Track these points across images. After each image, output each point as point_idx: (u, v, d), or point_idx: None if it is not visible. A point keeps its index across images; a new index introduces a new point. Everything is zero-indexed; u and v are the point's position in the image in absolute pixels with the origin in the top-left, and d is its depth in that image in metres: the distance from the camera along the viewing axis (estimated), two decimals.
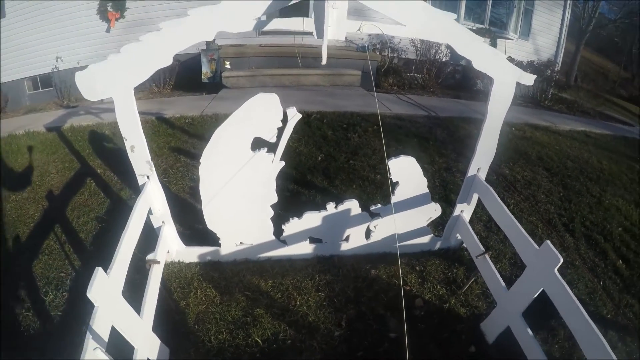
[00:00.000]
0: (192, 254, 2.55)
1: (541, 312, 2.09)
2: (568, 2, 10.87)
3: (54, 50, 7.57)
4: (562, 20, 11.09)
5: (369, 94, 6.88)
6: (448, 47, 1.87)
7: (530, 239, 1.94)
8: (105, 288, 1.38)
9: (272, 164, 2.15)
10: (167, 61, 1.76)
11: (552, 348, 2.23)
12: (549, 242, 1.78)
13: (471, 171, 2.45)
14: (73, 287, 2.46)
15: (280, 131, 2.09)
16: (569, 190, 4.37)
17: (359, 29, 1.85)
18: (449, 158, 4.44)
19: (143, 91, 7.37)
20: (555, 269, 1.73)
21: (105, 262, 2.54)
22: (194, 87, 7.20)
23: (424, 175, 2.53)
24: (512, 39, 10.10)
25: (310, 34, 1.88)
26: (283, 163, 2.21)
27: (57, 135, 4.79)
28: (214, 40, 7.07)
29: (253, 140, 2.11)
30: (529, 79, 2.18)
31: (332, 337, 2.15)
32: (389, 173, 2.32)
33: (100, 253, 2.73)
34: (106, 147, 4.42)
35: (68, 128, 5.01)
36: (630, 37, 28.98)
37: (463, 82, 9.63)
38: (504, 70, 2.13)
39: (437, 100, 7.32)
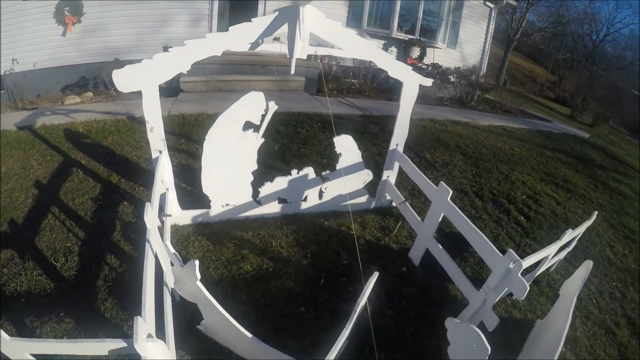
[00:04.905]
0: (186, 217, 3.25)
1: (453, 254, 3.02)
2: (492, 15, 12.29)
3: (8, 53, 7.50)
4: (487, 31, 12.49)
5: (312, 97, 7.80)
6: None
7: (431, 183, 2.95)
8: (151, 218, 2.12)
9: (256, 140, 3.01)
10: (187, 67, 2.52)
11: (465, 271, 2.91)
12: (443, 183, 2.79)
13: (392, 146, 3.49)
14: (83, 252, 2.85)
15: (263, 117, 2.96)
16: (480, 169, 5.47)
17: (315, 52, 2.74)
18: (381, 147, 5.43)
19: (101, 94, 7.67)
20: (448, 198, 2.73)
21: (110, 233, 3.09)
22: None
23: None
24: (440, 48, 11.31)
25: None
26: (263, 139, 3.06)
27: (31, 134, 4.93)
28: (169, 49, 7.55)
29: (244, 123, 2.94)
30: (428, 82, 3.21)
31: (301, 265, 3.00)
32: (335, 147, 3.25)
33: (103, 226, 3.17)
34: (85, 142, 4.73)
35: (40, 127, 5.17)
36: (557, 44, 32.21)
37: (396, 86, 10.81)
38: (409, 77, 3.14)
39: (372, 102, 8.36)
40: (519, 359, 2.42)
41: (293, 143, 5.19)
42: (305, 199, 3.49)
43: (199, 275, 1.73)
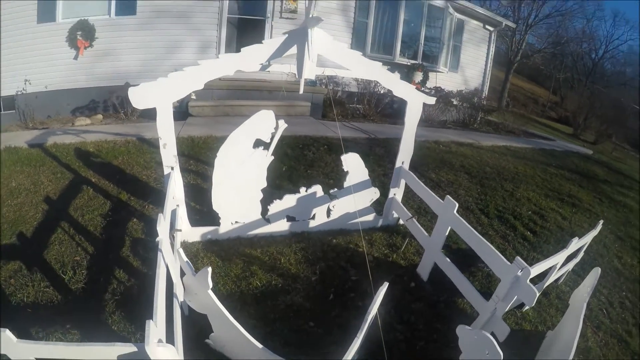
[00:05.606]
0: (195, 233, 3.28)
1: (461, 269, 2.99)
2: (492, 38, 12.69)
3: (20, 73, 7.68)
4: (487, 54, 12.86)
5: (318, 121, 7.93)
6: None
7: (437, 197, 2.98)
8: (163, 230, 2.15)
9: (266, 158, 3.08)
10: (200, 86, 2.61)
11: (473, 285, 2.87)
12: (448, 196, 2.82)
13: (398, 163, 3.55)
14: (91, 266, 2.86)
15: (273, 135, 3.04)
16: (485, 187, 5.52)
17: (322, 72, 2.85)
18: (386, 168, 5.48)
19: (110, 117, 7.82)
20: (454, 211, 2.76)
21: (119, 249, 3.11)
22: None
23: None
24: (442, 72, 11.56)
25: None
26: (273, 157, 3.13)
27: (42, 151, 4.98)
28: (184, 68, 7.75)
29: (254, 141, 3.02)
30: (431, 100, 3.30)
31: (310, 281, 3.00)
32: (342, 165, 3.31)
33: (112, 241, 3.19)
34: (95, 161, 4.78)
35: (51, 145, 5.22)
36: (557, 64, 32.55)
37: (400, 110, 11.00)
38: (413, 96, 3.22)
39: (376, 126, 8.48)
40: None
41: (300, 165, 5.26)
42: (313, 217, 3.53)
43: (211, 284, 1.75)
